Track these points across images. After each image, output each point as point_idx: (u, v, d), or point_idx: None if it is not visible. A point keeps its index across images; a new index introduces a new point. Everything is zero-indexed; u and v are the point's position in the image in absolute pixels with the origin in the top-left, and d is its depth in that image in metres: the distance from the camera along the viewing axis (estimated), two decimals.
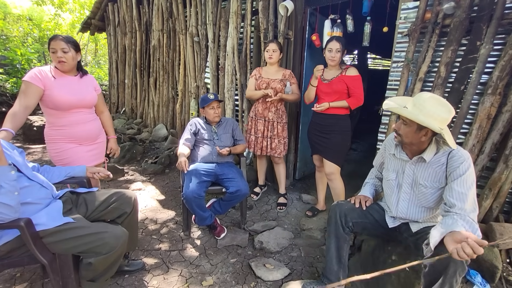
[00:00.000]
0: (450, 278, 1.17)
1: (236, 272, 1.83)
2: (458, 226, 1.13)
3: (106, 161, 2.12)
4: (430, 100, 1.27)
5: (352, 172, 3.56)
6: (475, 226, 1.18)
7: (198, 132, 2.29)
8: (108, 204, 1.59)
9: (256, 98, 2.57)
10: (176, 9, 3.86)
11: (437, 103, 1.27)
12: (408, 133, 1.33)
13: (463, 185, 1.25)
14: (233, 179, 2.09)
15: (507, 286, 1.67)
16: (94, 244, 1.32)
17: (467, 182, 1.25)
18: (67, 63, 1.75)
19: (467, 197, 1.23)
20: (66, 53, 1.73)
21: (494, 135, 1.82)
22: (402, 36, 2.17)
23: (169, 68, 4.21)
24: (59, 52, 1.71)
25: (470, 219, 1.19)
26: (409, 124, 1.31)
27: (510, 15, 1.74)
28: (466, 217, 1.19)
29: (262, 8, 2.81)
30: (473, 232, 1.14)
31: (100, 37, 10.77)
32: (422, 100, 1.29)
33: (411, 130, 1.32)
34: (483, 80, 1.86)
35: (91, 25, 5.64)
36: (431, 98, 1.29)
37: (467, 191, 1.24)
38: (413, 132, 1.32)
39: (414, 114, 1.26)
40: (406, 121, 1.32)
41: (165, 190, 3.00)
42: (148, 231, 2.24)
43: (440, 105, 1.27)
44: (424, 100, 1.29)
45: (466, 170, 1.26)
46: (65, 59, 1.73)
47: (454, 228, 1.12)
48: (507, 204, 1.91)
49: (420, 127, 1.29)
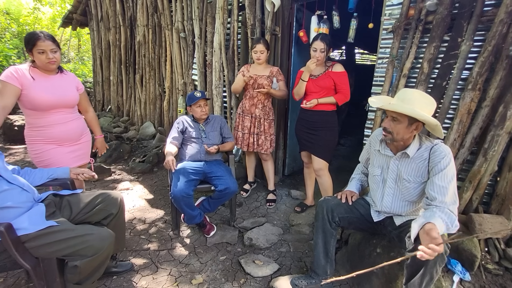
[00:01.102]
0: (430, 268, 1.23)
1: (225, 269, 1.84)
2: (435, 218, 1.18)
3: (92, 162, 2.07)
4: (417, 95, 1.32)
5: (340, 167, 3.61)
6: (453, 217, 1.23)
7: (186, 130, 2.26)
8: (93, 206, 1.56)
9: (239, 87, 2.54)
10: (161, 4, 3.77)
11: (423, 96, 1.32)
12: (400, 130, 1.35)
13: (444, 179, 1.29)
14: (222, 177, 2.09)
15: (485, 273, 1.75)
16: (79, 247, 1.29)
17: (447, 176, 1.29)
18: (57, 62, 1.71)
19: (448, 190, 1.27)
20: (55, 52, 1.68)
21: (474, 129, 1.88)
22: (387, 33, 2.20)
23: (156, 64, 4.13)
24: (50, 53, 1.65)
25: (448, 211, 1.24)
26: (400, 120, 1.33)
27: (489, 12, 1.79)
28: (445, 209, 1.24)
29: (249, 4, 2.78)
30: (450, 222, 1.20)
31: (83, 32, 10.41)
32: (410, 95, 1.32)
33: (402, 126, 1.34)
34: (464, 76, 1.91)
35: (72, 19, 5.45)
36: (416, 92, 1.34)
37: (447, 185, 1.28)
38: (405, 128, 1.34)
39: (410, 108, 1.28)
40: (397, 117, 1.33)
41: (153, 189, 2.96)
42: (137, 231, 2.22)
43: (426, 98, 1.32)
44: (412, 95, 1.32)
45: (447, 164, 1.30)
46: (55, 60, 1.69)
47: (430, 220, 1.16)
48: (486, 195, 1.99)
49: (411, 122, 1.32)
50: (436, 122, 1.27)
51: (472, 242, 1.76)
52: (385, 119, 1.40)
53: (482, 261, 1.77)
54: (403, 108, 1.29)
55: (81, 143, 1.94)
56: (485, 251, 1.83)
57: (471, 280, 1.71)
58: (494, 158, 1.84)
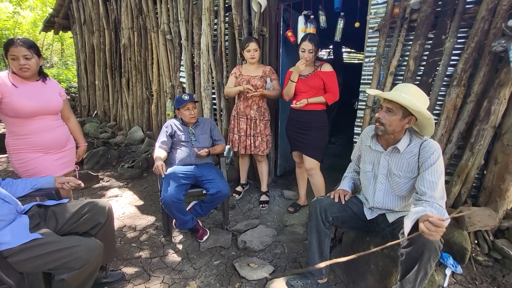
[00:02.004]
0: (424, 264, 1.24)
1: (220, 274, 1.81)
2: (427, 212, 1.19)
3: (77, 169, 2.01)
4: (414, 89, 1.36)
5: (332, 165, 3.63)
6: (443, 211, 1.25)
7: (175, 134, 2.22)
8: (80, 215, 1.50)
9: (233, 94, 2.54)
10: (146, 6, 3.71)
11: (419, 91, 1.35)
12: (393, 121, 1.36)
13: (434, 175, 1.31)
14: (213, 180, 2.06)
15: (476, 265, 1.79)
16: (66, 259, 1.24)
17: (437, 171, 1.31)
18: (31, 69, 1.64)
19: (437, 185, 1.29)
20: (29, 59, 1.61)
21: (460, 124, 1.92)
22: (373, 31, 2.22)
23: (142, 67, 4.05)
24: (22, 60, 1.58)
25: (438, 206, 1.25)
26: (395, 112, 1.35)
27: (471, 10, 1.83)
28: (434, 204, 1.26)
29: (235, 4, 2.76)
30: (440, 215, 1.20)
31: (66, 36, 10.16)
32: (407, 89, 1.36)
33: (396, 118, 1.35)
34: (449, 72, 1.95)
35: (54, 23, 5.30)
36: (413, 87, 1.38)
37: (437, 180, 1.30)
38: (398, 120, 1.36)
39: (408, 99, 1.29)
40: (392, 108, 1.35)
41: (143, 195, 2.90)
42: (127, 239, 2.16)
43: (422, 93, 1.35)
44: (409, 88, 1.36)
45: (436, 160, 1.32)
46: (29, 66, 1.62)
47: (423, 214, 1.18)
48: (474, 189, 2.03)
49: (405, 115, 1.34)
50: (430, 115, 1.29)
51: (463, 236, 1.79)
52: (380, 111, 1.42)
53: (472, 254, 1.81)
54: (403, 98, 1.30)
55: (67, 150, 1.90)
56: (475, 243, 1.87)
57: (463, 273, 1.74)
58: (480, 152, 1.88)
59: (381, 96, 1.45)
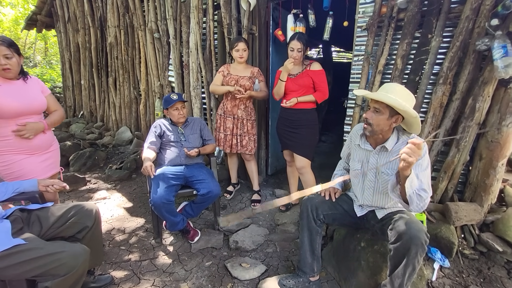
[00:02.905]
0: (412, 259, 1.27)
1: (212, 275, 1.79)
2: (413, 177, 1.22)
3: (62, 170, 1.94)
4: (399, 88, 1.37)
5: (323, 163, 3.66)
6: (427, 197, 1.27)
7: (164, 134, 2.18)
8: (66, 219, 1.46)
9: (219, 92, 2.52)
10: (132, 4, 3.63)
11: (405, 90, 1.37)
12: (381, 121, 1.38)
13: (418, 169, 1.33)
14: (204, 180, 2.03)
15: (463, 259, 1.83)
16: (50, 266, 1.19)
17: (422, 166, 1.34)
18: (13, 69, 1.57)
19: (422, 181, 1.31)
20: (10, 58, 1.55)
21: (446, 122, 1.96)
22: (361, 30, 2.24)
23: (129, 66, 3.97)
24: (2, 59, 1.52)
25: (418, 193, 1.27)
26: (382, 111, 1.36)
27: (455, 9, 1.87)
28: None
29: (224, 3, 2.73)
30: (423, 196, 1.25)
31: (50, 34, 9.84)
32: (392, 88, 1.37)
33: (383, 117, 1.36)
34: (435, 71, 1.98)
35: (37, 21, 5.12)
36: (398, 86, 1.39)
37: (421, 176, 1.32)
38: (385, 120, 1.37)
39: (394, 99, 1.30)
40: (379, 108, 1.36)
41: (132, 196, 2.84)
42: (116, 242, 2.11)
43: (407, 92, 1.37)
44: (394, 87, 1.37)
45: (422, 156, 1.34)
46: (10, 66, 1.56)
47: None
48: (460, 184, 2.09)
49: (392, 114, 1.35)
50: (416, 114, 1.31)
51: (450, 230, 1.83)
52: (368, 111, 1.43)
53: (459, 248, 1.85)
54: (388, 97, 1.31)
55: (51, 151, 1.84)
56: (462, 237, 1.92)
57: (450, 266, 1.78)
58: (466, 149, 1.93)
59: (367, 97, 1.46)
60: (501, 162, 1.87)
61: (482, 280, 1.69)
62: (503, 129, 1.81)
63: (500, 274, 1.72)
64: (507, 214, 1.88)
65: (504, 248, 1.77)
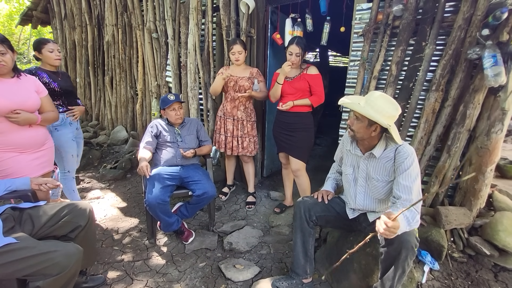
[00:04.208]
0: (402, 262, 1.30)
1: (205, 276, 1.80)
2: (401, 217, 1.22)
3: (56, 169, 1.92)
4: (380, 98, 1.37)
5: (318, 166, 3.69)
6: (415, 213, 1.29)
7: (160, 135, 2.18)
8: (58, 218, 1.45)
9: (216, 88, 2.47)
10: (131, 3, 3.62)
11: (386, 101, 1.37)
12: (360, 128, 1.41)
13: (408, 179, 1.35)
14: (199, 181, 2.04)
15: (452, 262, 1.87)
16: (42, 265, 1.18)
17: (411, 176, 1.35)
18: (7, 66, 1.57)
19: (412, 189, 1.34)
20: (4, 54, 1.55)
21: (438, 127, 2.01)
22: (357, 36, 2.28)
23: (126, 66, 3.95)
24: None
25: (413, 209, 1.29)
26: (361, 119, 1.40)
27: (448, 19, 1.92)
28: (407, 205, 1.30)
29: (223, 5, 2.75)
30: (411, 217, 1.26)
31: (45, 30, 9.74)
32: (373, 98, 1.38)
33: (362, 125, 1.40)
34: (428, 77, 2.03)
35: (32, 17, 5.05)
36: (381, 96, 1.39)
37: (411, 184, 1.34)
38: (365, 128, 1.40)
39: (366, 109, 1.34)
40: (359, 116, 1.40)
41: (126, 196, 2.83)
42: (109, 242, 2.10)
43: (389, 103, 1.36)
44: (375, 97, 1.38)
45: (410, 164, 1.36)
46: (5, 62, 1.55)
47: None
48: (450, 189, 2.13)
49: (371, 123, 1.38)
50: (388, 125, 1.31)
51: (440, 234, 1.87)
52: (350, 118, 1.47)
53: (448, 251, 1.89)
54: (360, 108, 1.36)
55: (45, 150, 1.81)
56: (451, 241, 1.96)
57: (440, 269, 1.82)
58: (456, 154, 1.97)
59: (341, 104, 1.51)
60: (490, 168, 1.92)
61: (470, 283, 1.73)
62: (492, 136, 1.86)
63: (488, 277, 1.76)
64: (495, 218, 1.93)
65: (492, 252, 1.81)
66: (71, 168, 2.29)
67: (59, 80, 2.18)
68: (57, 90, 2.15)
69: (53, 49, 2.12)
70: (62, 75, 2.25)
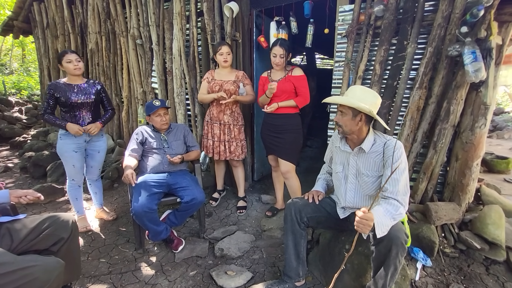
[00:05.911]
0: (393, 259, 1.29)
1: (196, 285, 1.74)
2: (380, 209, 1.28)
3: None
4: (359, 89, 1.47)
5: (308, 168, 3.68)
6: (398, 206, 1.32)
7: (146, 141, 2.14)
8: (39, 231, 1.38)
9: (208, 101, 2.50)
10: (114, 10, 3.57)
11: (365, 91, 1.45)
12: (347, 121, 1.45)
13: (396, 172, 1.36)
14: (187, 187, 1.99)
15: (444, 257, 1.88)
16: (21, 281, 1.12)
17: (399, 168, 1.37)
18: None
19: (399, 182, 1.36)
20: None
21: (423, 124, 2.03)
22: (341, 37, 2.31)
23: (111, 73, 3.88)
24: None
25: (395, 202, 1.33)
26: (346, 112, 1.43)
27: (428, 17, 1.96)
28: (391, 199, 1.34)
29: (207, 10, 2.75)
30: (394, 210, 1.30)
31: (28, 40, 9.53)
32: (353, 90, 1.47)
33: (348, 118, 1.43)
34: (411, 75, 2.06)
35: (13, 27, 4.94)
36: (359, 87, 1.49)
37: (399, 177, 1.36)
38: (350, 119, 1.43)
39: (347, 99, 1.41)
40: (343, 111, 1.44)
41: (114, 206, 2.74)
42: (95, 254, 2.02)
43: (367, 92, 1.44)
44: (354, 89, 1.48)
45: (398, 157, 1.39)
46: None
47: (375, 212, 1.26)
48: (439, 184, 2.15)
49: (355, 113, 1.42)
50: (369, 109, 1.37)
51: (431, 230, 1.88)
52: (337, 115, 1.50)
53: (440, 246, 1.90)
54: (342, 99, 1.44)
55: None
56: (442, 236, 1.97)
57: (432, 265, 1.82)
58: (442, 150, 2.00)
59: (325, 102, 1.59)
60: (475, 162, 1.95)
61: (463, 278, 1.74)
62: (476, 131, 1.89)
63: (479, 271, 1.77)
64: (483, 212, 1.95)
65: (482, 246, 1.83)
66: (75, 177, 2.29)
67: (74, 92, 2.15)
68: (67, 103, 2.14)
69: (71, 60, 2.10)
70: (78, 88, 2.18)
